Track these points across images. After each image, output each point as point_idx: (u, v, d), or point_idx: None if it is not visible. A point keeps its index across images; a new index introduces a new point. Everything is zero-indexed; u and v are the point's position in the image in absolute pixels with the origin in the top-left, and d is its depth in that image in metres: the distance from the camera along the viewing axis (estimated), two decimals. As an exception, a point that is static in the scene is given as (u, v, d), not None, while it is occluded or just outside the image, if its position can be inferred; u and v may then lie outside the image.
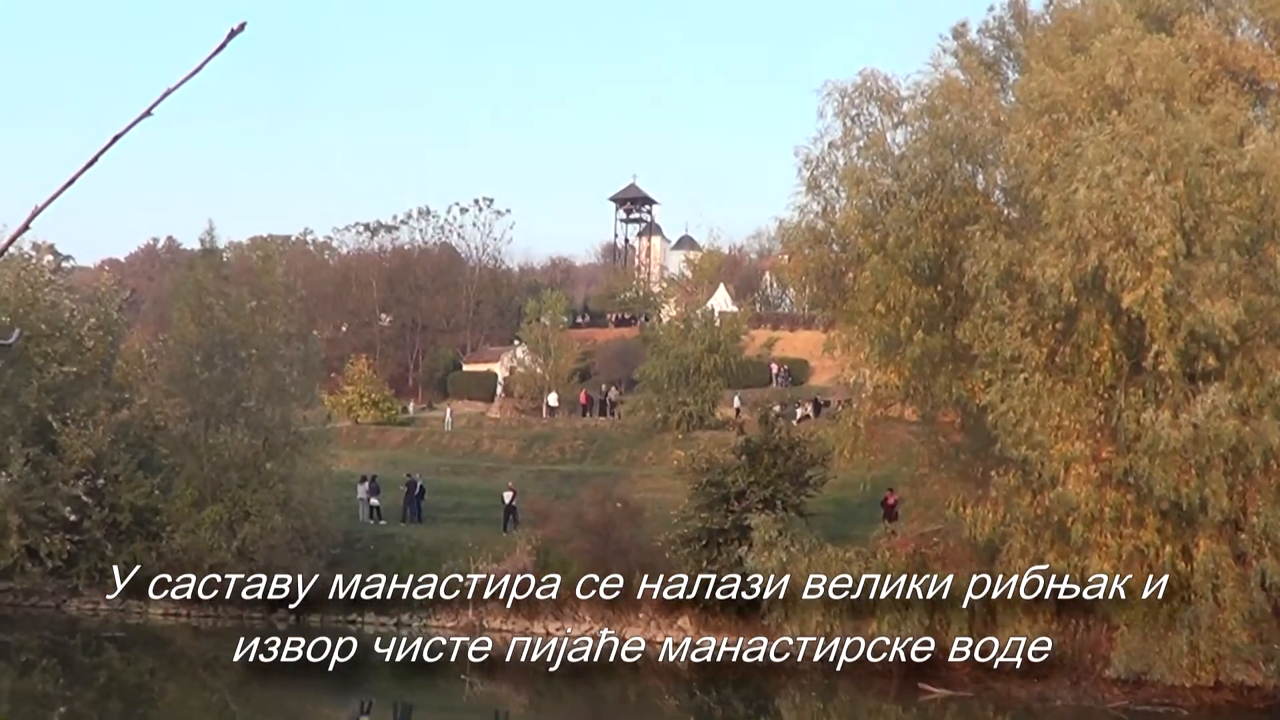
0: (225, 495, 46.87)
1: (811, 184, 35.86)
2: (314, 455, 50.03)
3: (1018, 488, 32.24)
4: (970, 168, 34.88)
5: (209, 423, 48.29)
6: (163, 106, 3.30)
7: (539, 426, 78.79)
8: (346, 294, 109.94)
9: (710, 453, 44.54)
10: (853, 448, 37.27)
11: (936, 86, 34.99)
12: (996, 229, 32.50)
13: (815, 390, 76.65)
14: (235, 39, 3.24)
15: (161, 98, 3.27)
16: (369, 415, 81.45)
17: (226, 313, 49.55)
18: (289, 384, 50.55)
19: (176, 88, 3.27)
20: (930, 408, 37.65)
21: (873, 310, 34.31)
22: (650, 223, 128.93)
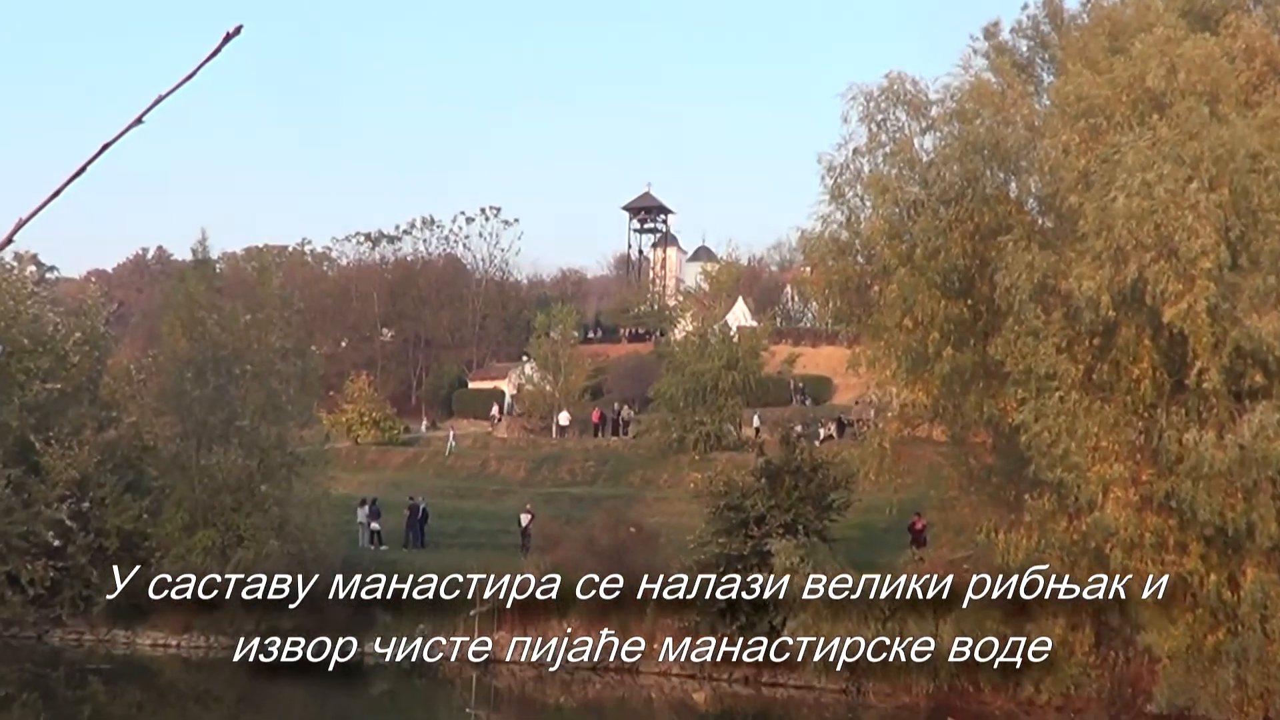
0: (218, 519, 46.86)
1: (835, 192, 35.84)
2: (311, 477, 50.01)
3: (1053, 512, 32.15)
4: (1002, 175, 34.84)
5: (201, 443, 48.36)
6: (154, 112, 3.30)
7: (548, 447, 78.87)
8: (346, 307, 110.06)
9: (728, 475, 44.44)
10: (878, 470, 37.14)
11: (967, 89, 34.96)
12: (1030, 239, 32.44)
13: (839, 409, 76.60)
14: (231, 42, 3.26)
15: (154, 104, 3.27)
16: (369, 435, 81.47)
17: (220, 327, 49.60)
18: (285, 402, 50.53)
19: (170, 94, 3.26)
20: (960, 428, 37.54)
21: (899, 325, 34.27)
22: (665, 233, 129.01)
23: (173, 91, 3.27)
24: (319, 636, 42.64)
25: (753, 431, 70.85)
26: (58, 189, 3.31)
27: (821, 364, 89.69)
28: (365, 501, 55.39)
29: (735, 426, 71.77)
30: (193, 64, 3.24)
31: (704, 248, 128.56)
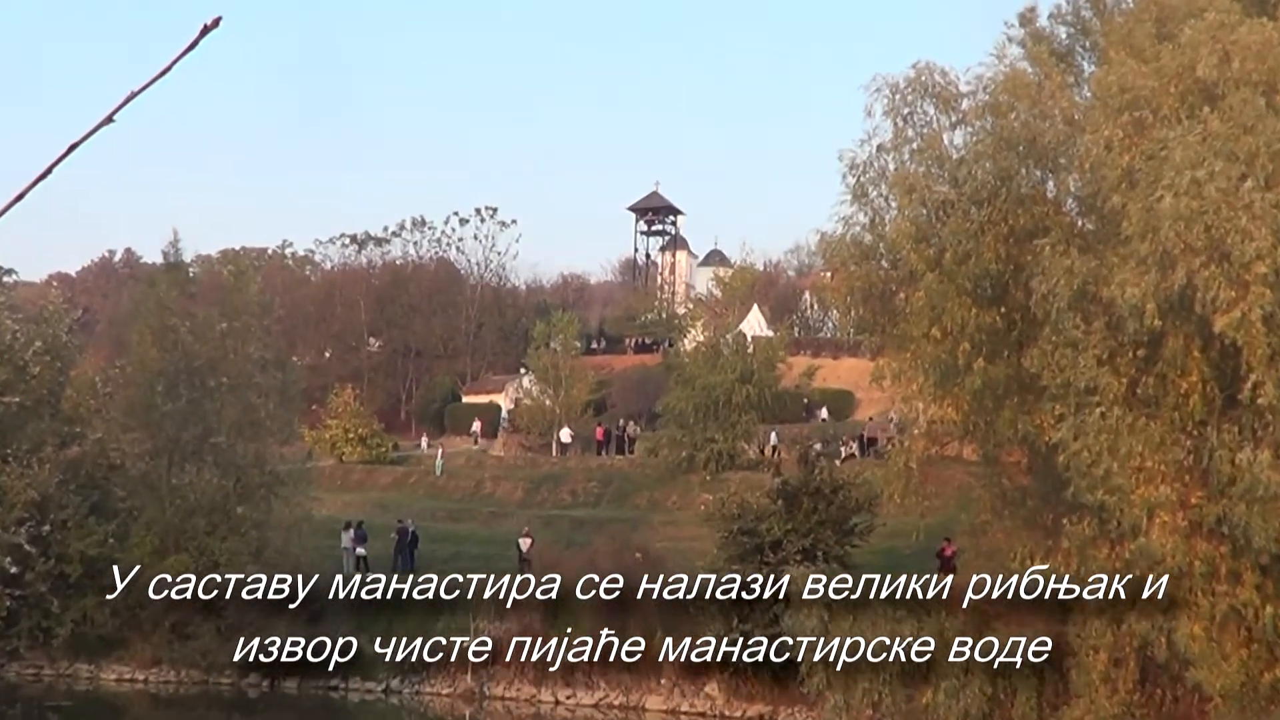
0: (190, 544, 46.87)
1: (858, 192, 35.73)
2: (292, 498, 50.05)
3: (1093, 538, 31.99)
4: (1039, 173, 34.72)
5: (172, 461, 48.39)
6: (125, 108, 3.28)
7: (548, 466, 78.80)
8: (330, 315, 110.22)
9: (742, 496, 44.49)
10: (904, 491, 37.00)
11: (1001, 81, 34.81)
12: (1069, 243, 32.30)
13: (861, 425, 76.50)
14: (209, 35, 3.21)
15: (125, 101, 3.25)
16: (355, 453, 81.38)
17: (193, 336, 49.65)
18: (264, 417, 50.60)
19: (143, 90, 3.25)
20: (992, 446, 37.39)
21: (927, 335, 34.14)
22: (674, 235, 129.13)
23: (147, 87, 3.24)
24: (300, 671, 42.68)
25: (768, 450, 70.77)
26: (22, 191, 3.27)
27: (843, 377, 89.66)
28: (350, 524, 55.32)
29: (750, 444, 71.66)
30: (166, 58, 3.21)
31: (716, 251, 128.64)
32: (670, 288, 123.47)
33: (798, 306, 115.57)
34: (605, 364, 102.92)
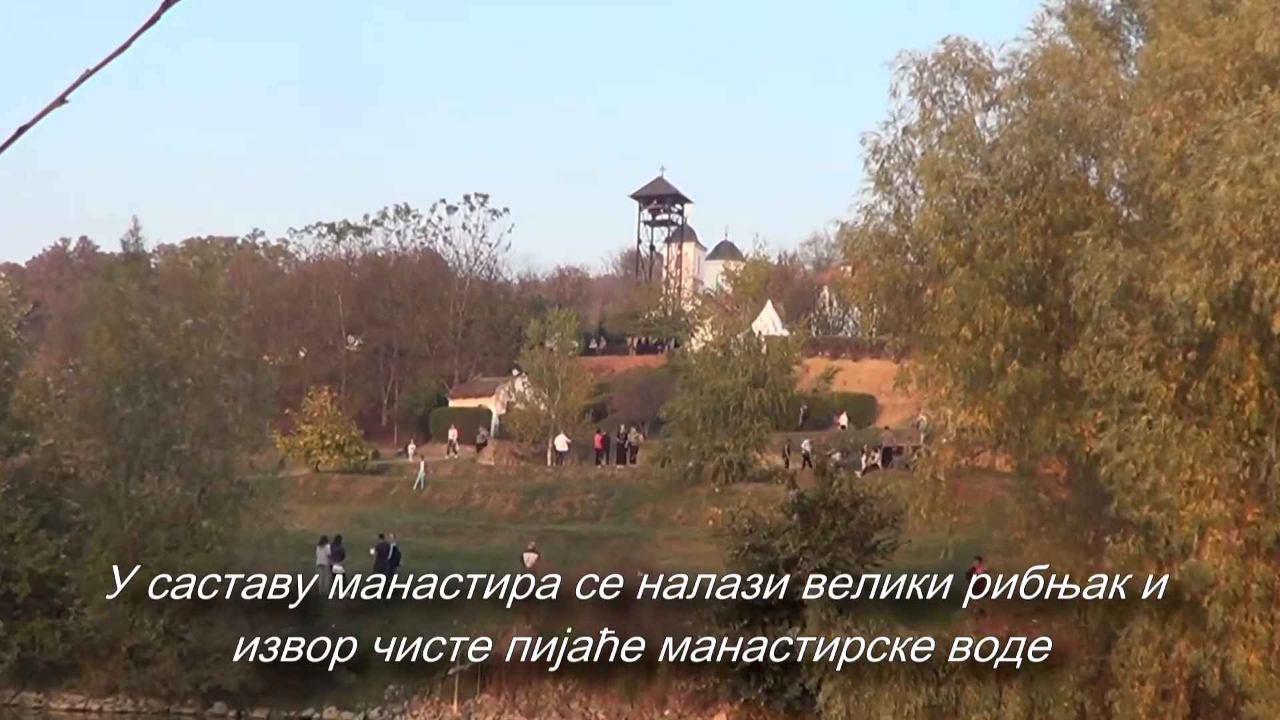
0: (151, 560, 46.64)
1: (881, 179, 35.67)
2: (263, 511, 49.96)
3: (1139, 558, 31.85)
4: (1080, 158, 34.60)
5: (131, 470, 48.27)
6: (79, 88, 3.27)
7: (542, 476, 78.87)
8: (305, 311, 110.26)
9: (754, 510, 44.46)
10: (931, 505, 36.92)
11: (1039, 57, 34.71)
12: (1113, 235, 32.13)
13: (884, 433, 76.46)
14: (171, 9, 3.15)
15: (80, 80, 3.22)
16: (332, 461, 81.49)
17: (154, 333, 49.56)
18: (232, 422, 50.46)
19: (99, 68, 3.22)
20: (1028, 457, 37.30)
21: (957, 335, 34.02)
22: (681, 226, 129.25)
23: (104, 65, 3.21)
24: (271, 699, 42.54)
25: (782, 460, 70.68)
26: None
27: (864, 380, 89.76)
28: (326, 540, 55.28)
29: (762, 453, 71.57)
30: (122, 35, 3.16)
31: (726, 243, 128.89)
32: (676, 282, 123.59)
33: (815, 304, 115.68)
34: (605, 365, 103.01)
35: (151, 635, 44.99)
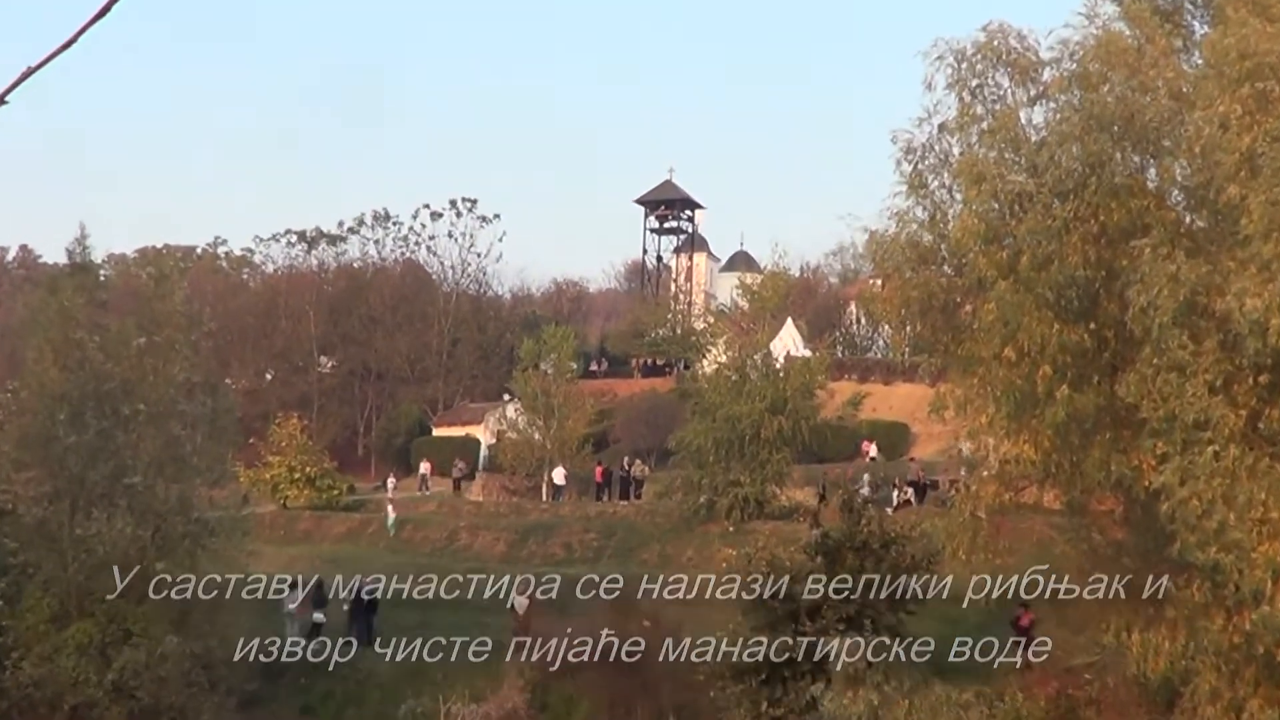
0: (98, 608, 46.66)
1: (915, 182, 35.65)
2: (224, 552, 49.87)
3: (1205, 605, 31.73)
4: (1138, 158, 34.53)
5: (76, 506, 48.13)
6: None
7: (536, 514, 78.99)
8: (273, 328, 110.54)
9: (772, 552, 44.26)
10: (971, 547, 36.86)
11: (1091, 45, 34.64)
12: (1174, 243, 32.04)
13: (911, 465, 76.44)
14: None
15: (20, 79, 3.27)
16: (302, 497, 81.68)
17: (104, 353, 49.49)
18: (190, 453, 50.35)
19: (41, 66, 3.24)
20: (1079, 492, 37.22)
21: (999, 356, 33.95)
22: (692, 234, 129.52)
23: (47, 62, 3.23)
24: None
25: (818, 497, 70.59)
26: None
27: (896, 407, 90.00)
28: (295, 584, 55.26)
29: (781, 488, 71.53)
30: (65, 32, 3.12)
31: (742, 253, 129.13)
32: (686, 297, 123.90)
33: (841, 321, 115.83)
34: (607, 389, 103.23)
35: (99, 693, 44.84)
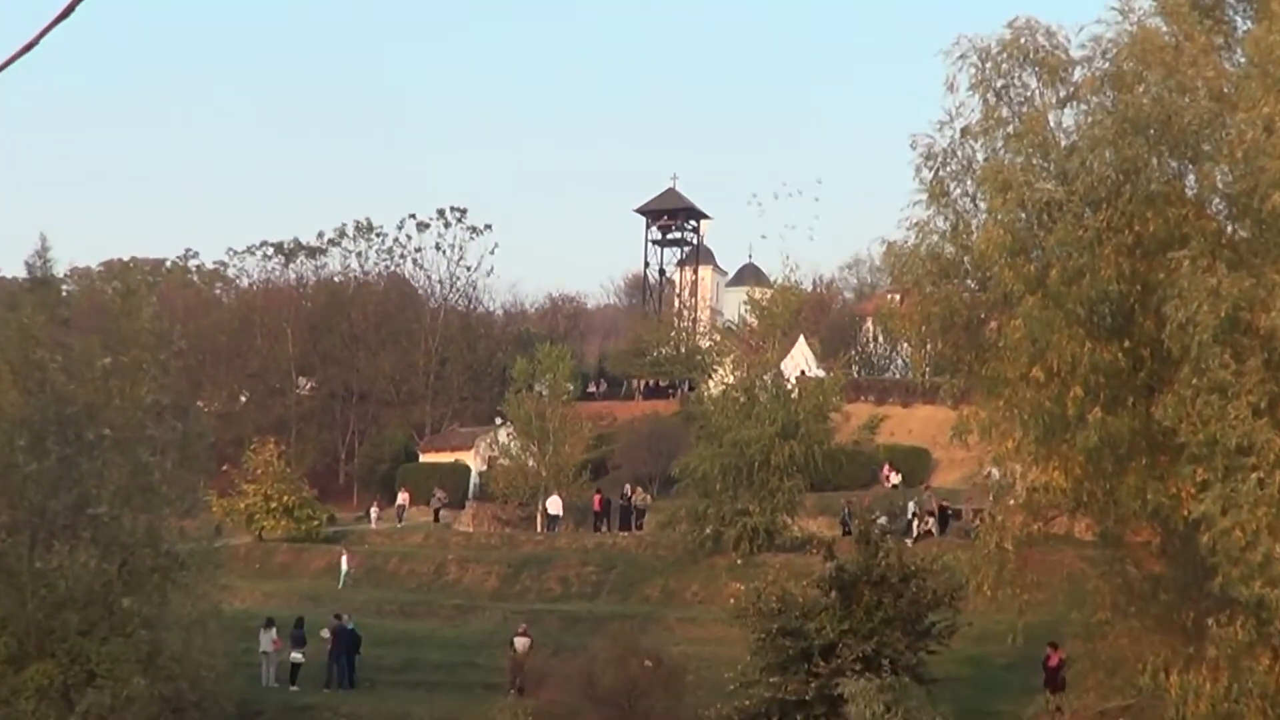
0: (59, 647, 46.51)
1: (936, 190, 35.58)
2: (196, 587, 49.67)
3: (1249, 644, 31.63)
4: (1176, 164, 34.47)
5: (37, 538, 47.98)
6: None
7: (531, 546, 78.80)
8: (248, 347, 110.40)
9: (784, 587, 44.25)
10: (997, 581, 36.76)
11: (1125, 42, 34.62)
12: (1215, 255, 32.00)
13: (926, 494, 76.34)
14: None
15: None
16: (279, 528, 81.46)
17: (66, 374, 49.40)
18: (159, 481, 50.20)
19: (3, 68, 3.17)
20: (1113, 522, 37.17)
21: (1027, 376, 33.88)
22: (697, 246, 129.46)
23: (8, 65, 3.26)
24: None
25: (842, 528, 70.43)
26: None
27: (916, 430, 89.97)
28: (273, 622, 55.11)
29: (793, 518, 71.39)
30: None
31: (750, 266, 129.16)
32: (691, 313, 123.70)
33: (857, 339, 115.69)
34: (606, 412, 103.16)
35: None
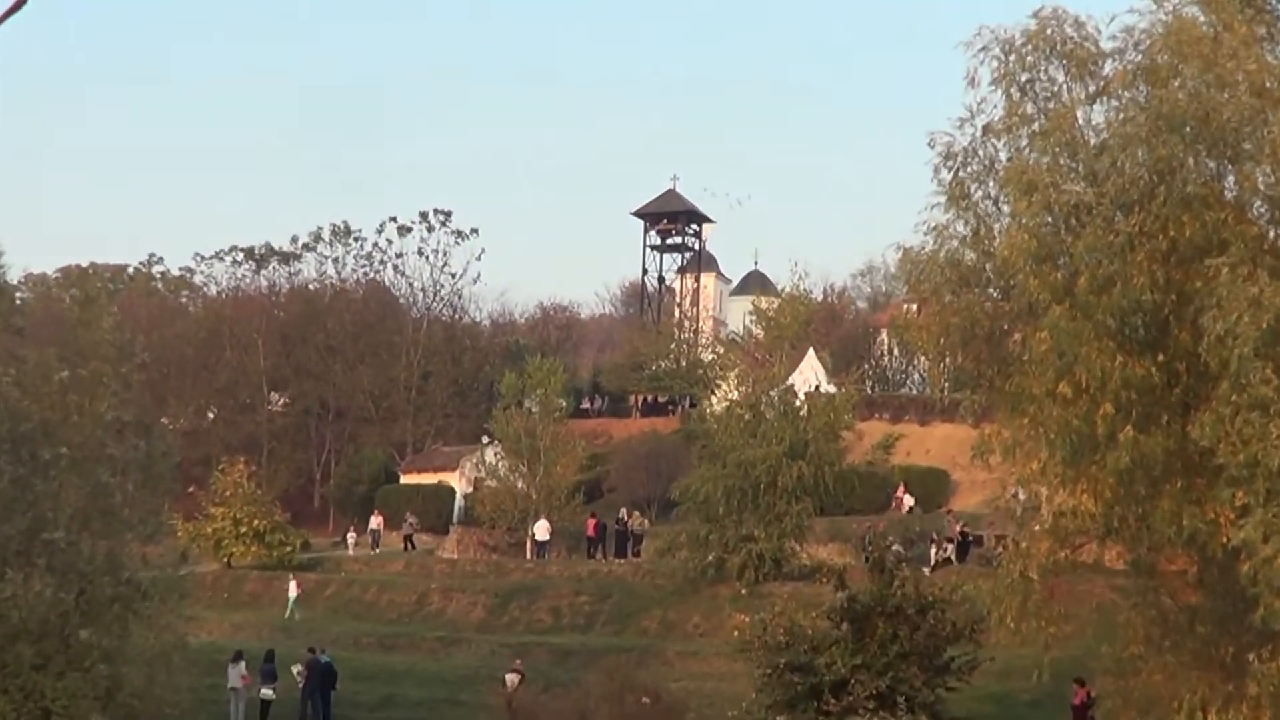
0: (12, 683, 46.36)
1: (955, 192, 35.46)
2: (159, 618, 49.54)
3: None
4: (1214, 164, 34.37)
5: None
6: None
7: (520, 573, 78.82)
8: (216, 359, 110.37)
9: (791, 618, 44.21)
10: (1021, 612, 36.59)
11: (1160, 34, 34.55)
12: (1256, 262, 31.93)
13: (947, 518, 76.28)
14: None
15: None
16: (249, 554, 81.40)
17: (20, 388, 49.26)
18: (120, 503, 50.06)
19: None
20: (1146, 549, 37.03)
21: (1053, 393, 33.77)
22: (699, 252, 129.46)
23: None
24: None
25: (827, 552, 70.44)
26: None
27: (934, 450, 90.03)
28: (241, 655, 55.10)
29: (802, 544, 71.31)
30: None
31: (756, 273, 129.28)
32: (692, 324, 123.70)
33: (871, 352, 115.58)
34: (601, 430, 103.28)
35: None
